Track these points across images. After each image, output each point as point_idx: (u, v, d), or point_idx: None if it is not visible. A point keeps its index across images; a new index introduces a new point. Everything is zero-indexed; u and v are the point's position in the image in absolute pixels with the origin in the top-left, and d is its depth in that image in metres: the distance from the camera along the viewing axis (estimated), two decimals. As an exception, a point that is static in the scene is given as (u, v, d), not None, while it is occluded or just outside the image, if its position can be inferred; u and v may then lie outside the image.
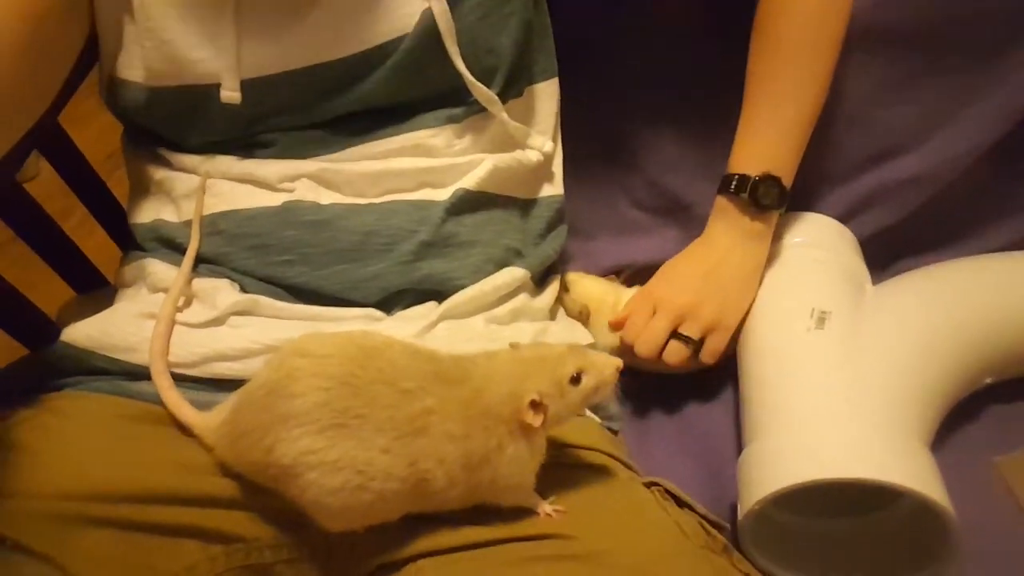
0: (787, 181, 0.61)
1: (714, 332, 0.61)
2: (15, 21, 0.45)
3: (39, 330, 0.59)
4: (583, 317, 0.65)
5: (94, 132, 0.74)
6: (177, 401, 0.47)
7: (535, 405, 0.42)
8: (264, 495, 0.44)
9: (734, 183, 0.61)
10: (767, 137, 0.61)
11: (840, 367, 0.55)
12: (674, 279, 0.63)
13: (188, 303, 0.52)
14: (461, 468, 0.42)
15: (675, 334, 0.60)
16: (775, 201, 0.60)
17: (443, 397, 0.42)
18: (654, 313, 0.61)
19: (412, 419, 0.42)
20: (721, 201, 0.62)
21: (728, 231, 0.62)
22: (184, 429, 0.47)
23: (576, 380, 0.44)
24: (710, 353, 0.61)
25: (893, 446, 0.50)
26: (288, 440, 0.41)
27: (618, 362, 0.45)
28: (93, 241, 0.69)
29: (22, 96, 0.47)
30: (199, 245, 0.54)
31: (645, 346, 0.60)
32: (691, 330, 0.60)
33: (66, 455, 0.45)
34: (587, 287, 0.66)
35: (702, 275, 0.61)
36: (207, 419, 0.46)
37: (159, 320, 0.49)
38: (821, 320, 0.57)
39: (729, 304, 0.61)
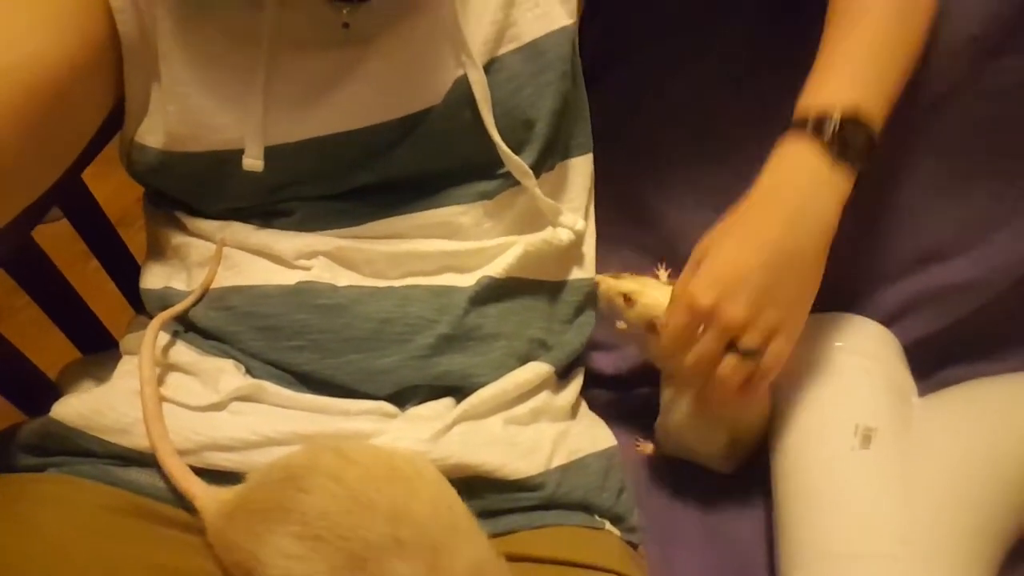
0: (876, 129, 0.49)
1: (778, 336, 0.48)
2: (19, 93, 0.43)
3: (40, 396, 0.56)
4: (650, 330, 0.55)
5: (113, 185, 0.73)
6: (183, 472, 0.44)
7: None
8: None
9: (811, 122, 0.48)
10: (852, 70, 0.49)
11: (888, 495, 0.50)
12: (723, 278, 0.48)
13: (189, 374, 0.50)
14: None
15: (730, 346, 0.49)
16: (862, 148, 0.48)
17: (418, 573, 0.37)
18: (700, 325, 0.49)
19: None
20: (791, 145, 0.49)
21: (799, 175, 0.49)
22: (171, 524, 0.44)
23: None
24: (774, 362, 0.49)
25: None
26: (276, 534, 0.38)
27: None
28: (111, 286, 0.67)
29: (26, 168, 0.45)
30: (208, 320, 0.51)
31: (697, 370, 0.49)
32: (752, 340, 0.48)
33: (33, 554, 0.40)
34: (657, 299, 0.54)
35: (761, 262, 0.47)
36: (214, 493, 0.43)
37: (144, 402, 0.46)
38: (866, 439, 0.53)
39: (797, 295, 0.48)
